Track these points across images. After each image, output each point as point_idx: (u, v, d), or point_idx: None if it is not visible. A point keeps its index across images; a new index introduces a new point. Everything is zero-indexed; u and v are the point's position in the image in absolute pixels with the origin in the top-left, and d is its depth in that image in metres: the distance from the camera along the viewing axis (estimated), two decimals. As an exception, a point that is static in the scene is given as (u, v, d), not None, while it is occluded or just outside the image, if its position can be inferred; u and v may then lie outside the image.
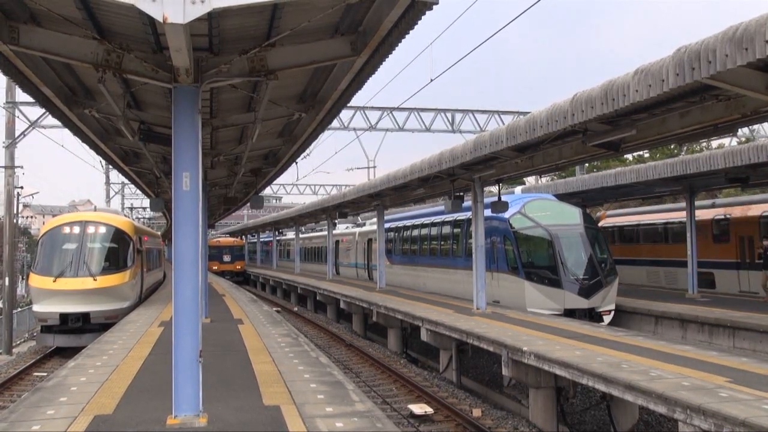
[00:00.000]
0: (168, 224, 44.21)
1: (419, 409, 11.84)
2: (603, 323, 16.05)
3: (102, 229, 18.82)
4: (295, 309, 31.87)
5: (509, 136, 12.25)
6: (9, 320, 24.12)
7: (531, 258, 17.35)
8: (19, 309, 28.05)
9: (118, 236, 19.11)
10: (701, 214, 21.51)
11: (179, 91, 6.77)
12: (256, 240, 61.78)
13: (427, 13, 6.16)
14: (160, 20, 4.83)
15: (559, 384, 11.07)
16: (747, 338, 13.99)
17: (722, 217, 21.67)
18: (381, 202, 24.39)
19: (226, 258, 51.29)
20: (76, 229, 18.52)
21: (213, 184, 18.95)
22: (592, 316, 16.47)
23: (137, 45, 6.99)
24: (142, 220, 56.55)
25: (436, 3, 5.98)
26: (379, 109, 29.85)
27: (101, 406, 7.66)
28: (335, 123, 25.95)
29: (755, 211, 20.60)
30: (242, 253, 54.53)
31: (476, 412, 11.84)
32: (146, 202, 50.76)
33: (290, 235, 50.22)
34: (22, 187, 28.49)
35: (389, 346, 19.89)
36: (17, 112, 25.18)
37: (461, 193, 17.71)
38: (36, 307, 18.11)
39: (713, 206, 22.58)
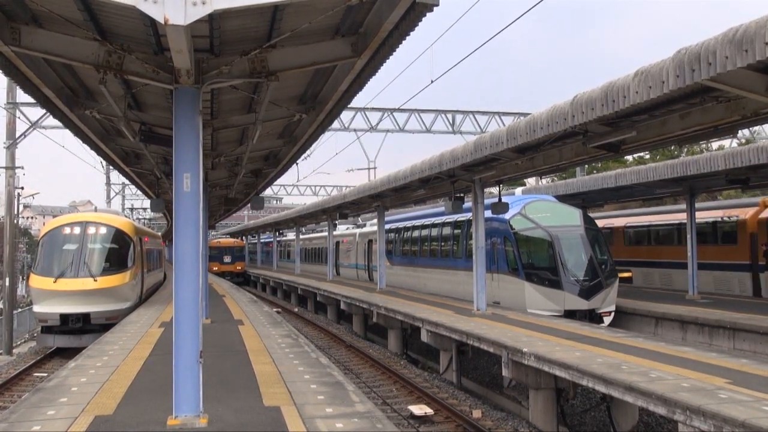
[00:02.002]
0: (168, 225, 44.22)
1: (419, 409, 11.85)
2: (603, 324, 16.07)
3: (102, 230, 18.83)
4: (296, 310, 31.88)
5: (510, 138, 12.25)
6: (9, 321, 24.13)
7: (531, 259, 17.36)
8: (20, 309, 28.05)
9: (119, 237, 19.12)
10: None
11: (180, 92, 6.77)
12: (256, 241, 61.78)
13: (427, 14, 6.17)
14: (162, 22, 4.84)
15: (559, 385, 11.08)
16: (747, 339, 14.00)
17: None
18: (381, 203, 24.39)
19: (227, 259, 51.25)
20: (77, 230, 18.53)
21: (213, 185, 18.95)
22: (592, 317, 16.47)
23: (138, 46, 7.00)
24: (142, 220, 56.52)
25: (437, 4, 5.99)
26: (379, 110, 29.87)
27: (102, 407, 7.68)
28: (336, 124, 26.02)
29: (620, 222, 26.22)
30: (243, 254, 54.48)
31: (476, 413, 11.84)
32: (147, 203, 50.67)
33: (291, 236, 50.23)
34: (22, 188, 28.49)
35: (389, 347, 19.90)
36: (18, 113, 25.20)
37: (461, 195, 17.72)
38: (36, 308, 18.12)
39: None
